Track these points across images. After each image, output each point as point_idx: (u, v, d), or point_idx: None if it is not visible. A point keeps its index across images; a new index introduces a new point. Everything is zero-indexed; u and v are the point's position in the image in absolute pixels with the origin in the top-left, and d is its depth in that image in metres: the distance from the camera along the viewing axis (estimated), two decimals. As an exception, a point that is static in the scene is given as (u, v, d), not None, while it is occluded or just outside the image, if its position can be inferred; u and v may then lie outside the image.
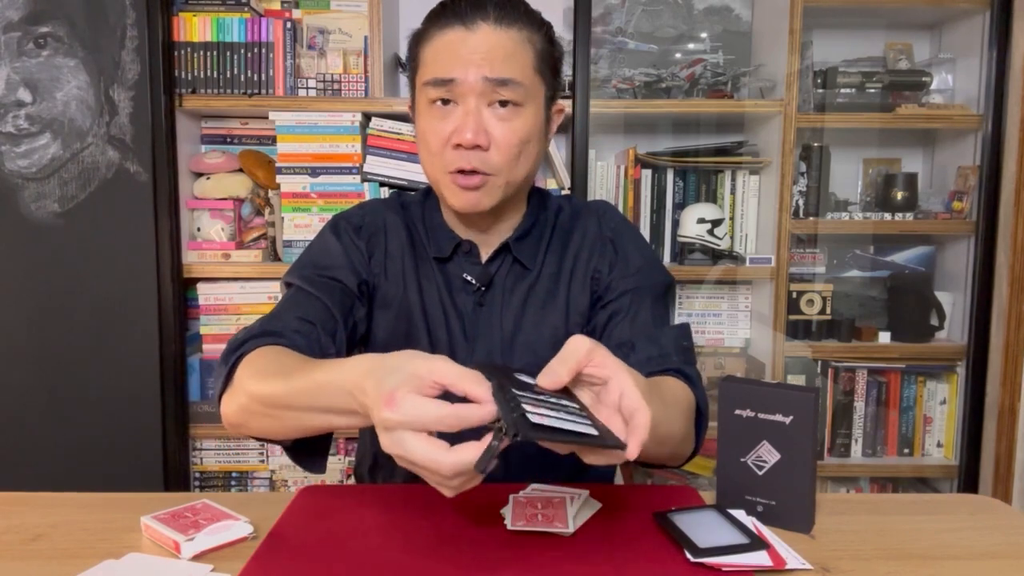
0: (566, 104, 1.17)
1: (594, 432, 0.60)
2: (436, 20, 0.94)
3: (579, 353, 0.65)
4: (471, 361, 0.89)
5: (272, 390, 0.76)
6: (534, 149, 0.97)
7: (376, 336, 1.04)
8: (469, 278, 1.02)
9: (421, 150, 0.98)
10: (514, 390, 0.61)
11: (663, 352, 0.94)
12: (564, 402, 0.64)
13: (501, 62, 0.91)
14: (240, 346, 0.85)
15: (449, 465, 0.58)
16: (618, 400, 0.64)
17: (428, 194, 1.08)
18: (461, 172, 0.93)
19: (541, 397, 0.62)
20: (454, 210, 0.99)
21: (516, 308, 1.02)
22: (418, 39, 0.98)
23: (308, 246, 1.05)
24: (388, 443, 0.59)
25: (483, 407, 0.59)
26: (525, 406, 0.58)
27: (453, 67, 0.91)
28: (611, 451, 0.61)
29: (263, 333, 0.87)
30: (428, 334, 1.01)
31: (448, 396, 0.61)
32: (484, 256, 1.04)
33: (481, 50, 0.91)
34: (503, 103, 0.92)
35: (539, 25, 0.96)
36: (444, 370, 0.61)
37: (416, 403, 0.59)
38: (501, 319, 1.02)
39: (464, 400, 0.61)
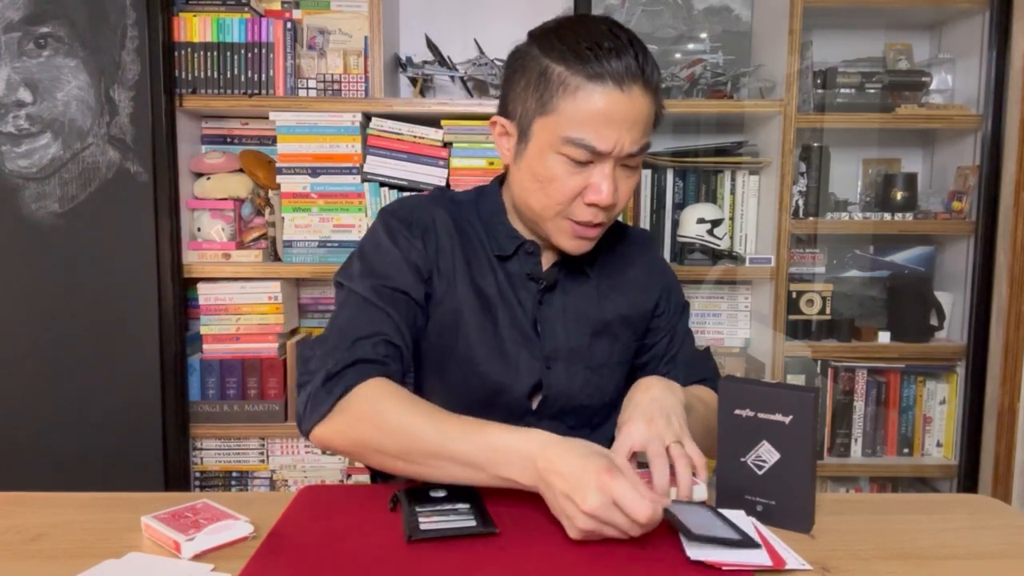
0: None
1: (473, 523, 0.77)
2: (581, 67, 0.88)
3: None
4: (540, 356, 1.03)
5: (418, 441, 0.83)
6: None
7: (426, 331, 1.03)
8: (534, 276, 1.03)
9: (535, 188, 0.95)
10: (417, 507, 0.79)
11: (701, 378, 1.12)
12: (459, 506, 0.81)
13: (643, 131, 0.92)
14: (337, 374, 0.88)
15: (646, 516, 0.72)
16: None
17: (482, 193, 1.09)
18: (587, 224, 0.95)
19: (440, 508, 0.80)
20: (562, 249, 1.00)
21: (574, 310, 1.05)
22: (549, 78, 0.91)
23: (362, 247, 1.02)
24: (596, 504, 0.72)
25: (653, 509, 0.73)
26: (421, 519, 0.77)
27: (605, 137, 0.89)
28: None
29: (359, 360, 0.89)
30: (485, 328, 1.01)
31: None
32: (547, 258, 1.05)
33: (631, 119, 0.90)
34: (632, 165, 0.95)
35: (658, 69, 0.95)
36: (623, 486, 0.73)
37: (631, 492, 0.72)
38: (564, 318, 1.04)
39: None
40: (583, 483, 0.73)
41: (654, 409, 0.87)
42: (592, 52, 0.88)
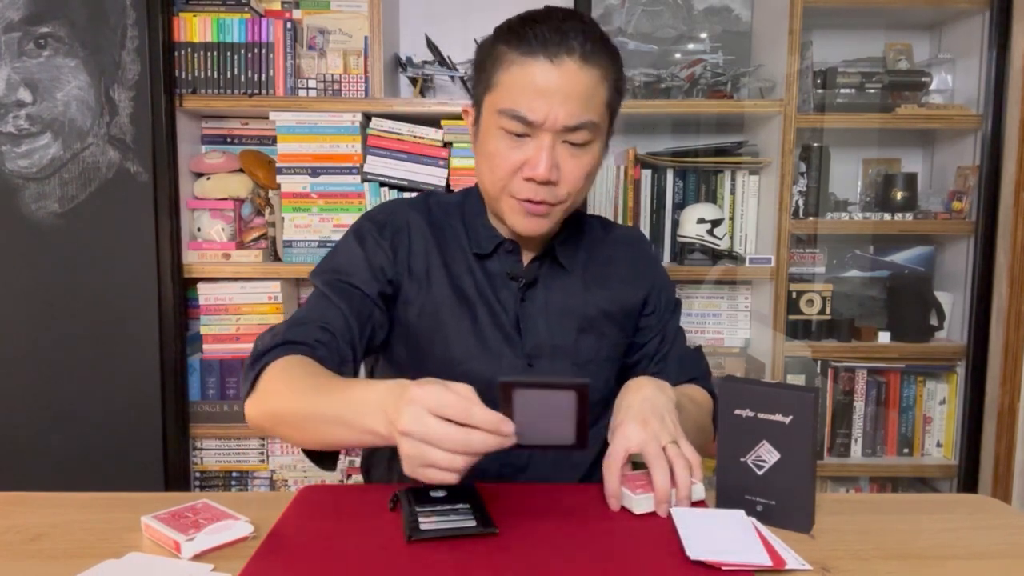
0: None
1: (473, 523, 0.77)
2: (518, 44, 0.92)
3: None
4: (522, 354, 1.01)
5: (300, 403, 0.82)
6: (595, 175, 1.01)
7: (399, 333, 1.04)
8: (513, 274, 1.04)
9: (483, 166, 0.98)
10: (417, 507, 0.79)
11: (691, 377, 1.12)
12: (459, 506, 0.80)
13: (581, 106, 0.92)
14: (266, 353, 0.89)
15: (461, 441, 0.68)
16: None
17: (467, 194, 1.10)
18: (528, 201, 0.95)
19: (440, 508, 0.79)
20: (514, 231, 1.00)
21: (558, 306, 1.05)
22: (494, 57, 0.95)
23: (334, 247, 1.06)
24: (408, 419, 0.68)
25: (488, 437, 0.69)
26: (421, 519, 0.77)
27: (535, 107, 0.90)
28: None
29: (288, 342, 0.90)
30: (464, 328, 1.01)
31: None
32: (525, 256, 1.06)
33: (564, 91, 0.90)
34: (576, 142, 0.94)
35: (615, 58, 0.96)
36: (429, 389, 0.70)
37: (439, 390, 0.69)
38: (547, 313, 1.04)
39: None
40: (399, 406, 0.69)
41: (647, 409, 0.87)
42: (532, 31, 0.91)
